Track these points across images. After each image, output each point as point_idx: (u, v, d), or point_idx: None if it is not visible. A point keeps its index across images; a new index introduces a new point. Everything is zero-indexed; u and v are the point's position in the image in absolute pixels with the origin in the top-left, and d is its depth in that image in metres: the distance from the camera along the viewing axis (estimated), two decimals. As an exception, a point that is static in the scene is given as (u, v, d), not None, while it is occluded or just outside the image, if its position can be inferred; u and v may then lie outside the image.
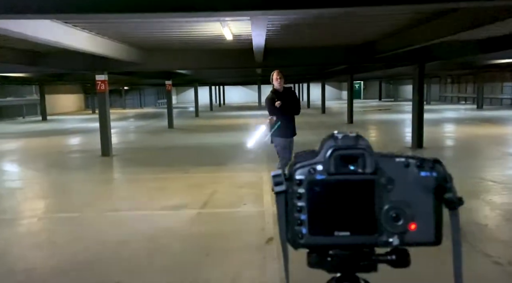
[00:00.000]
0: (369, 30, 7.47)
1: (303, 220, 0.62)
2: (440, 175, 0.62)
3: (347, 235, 0.62)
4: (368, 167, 0.61)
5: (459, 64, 16.33)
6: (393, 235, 0.62)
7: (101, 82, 9.27)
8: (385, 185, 0.61)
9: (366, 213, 0.61)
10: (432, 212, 0.62)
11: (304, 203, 0.62)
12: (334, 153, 0.61)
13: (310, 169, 0.61)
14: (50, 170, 8.44)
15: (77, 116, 26.10)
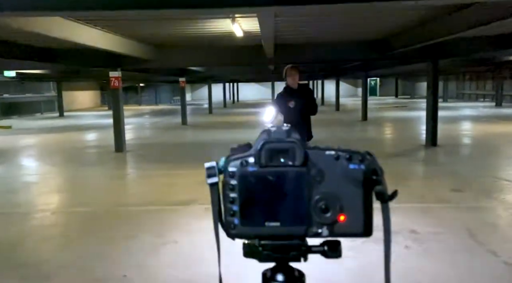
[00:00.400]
0: (381, 26, 7.39)
1: (235, 211, 0.63)
2: (369, 168, 0.62)
3: (277, 226, 0.63)
4: (298, 160, 0.62)
5: (477, 61, 16.00)
6: (323, 226, 0.63)
7: (114, 79, 9.39)
8: (315, 177, 0.62)
9: (296, 205, 0.63)
10: (361, 204, 0.62)
11: (236, 195, 0.63)
12: (265, 146, 0.62)
13: (242, 162, 0.63)
14: (65, 165, 8.61)
15: (94, 112, 26.49)
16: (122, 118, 9.89)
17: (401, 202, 5.07)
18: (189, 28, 6.82)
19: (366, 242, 3.38)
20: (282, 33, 7.27)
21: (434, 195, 5.45)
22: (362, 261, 3.26)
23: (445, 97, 30.32)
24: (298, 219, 0.63)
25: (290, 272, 0.67)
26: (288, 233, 0.64)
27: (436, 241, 3.86)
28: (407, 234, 3.98)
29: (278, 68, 16.24)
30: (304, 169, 0.62)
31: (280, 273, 0.67)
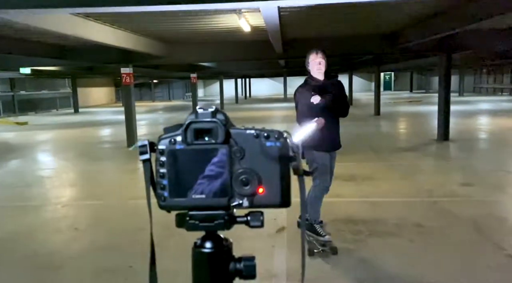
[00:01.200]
0: (392, 19, 7.31)
1: (165, 185, 0.70)
2: (284, 145, 0.68)
3: (203, 197, 0.69)
4: (220, 138, 0.68)
5: (495, 54, 15.68)
6: (243, 198, 0.69)
7: (126, 75, 9.51)
8: (235, 154, 0.68)
9: (219, 179, 0.69)
10: (278, 178, 0.69)
11: (165, 170, 0.69)
12: (190, 126, 0.69)
13: (171, 140, 0.69)
14: (78, 159, 8.78)
15: (108, 108, 26.84)
16: (134, 114, 10.02)
17: (408, 196, 5.07)
18: (197, 23, 6.86)
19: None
20: (290, 27, 7.25)
21: (442, 189, 5.40)
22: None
23: (461, 91, 29.80)
24: (221, 191, 0.69)
25: (218, 240, 0.74)
26: (212, 204, 0.70)
27: (440, 234, 3.84)
28: (412, 228, 3.97)
29: (289, 63, 16.22)
30: (226, 146, 0.68)
31: (208, 241, 0.73)
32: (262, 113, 19.45)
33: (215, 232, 0.73)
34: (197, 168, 0.69)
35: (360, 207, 4.69)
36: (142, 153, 0.70)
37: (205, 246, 0.73)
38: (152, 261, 0.77)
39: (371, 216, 4.33)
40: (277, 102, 27.00)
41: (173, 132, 0.70)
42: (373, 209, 4.60)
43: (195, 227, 0.72)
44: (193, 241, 0.75)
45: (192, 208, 0.71)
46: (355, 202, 4.91)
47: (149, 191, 0.71)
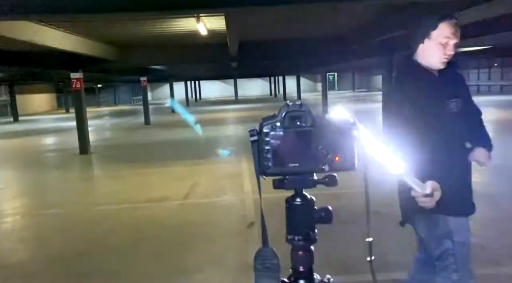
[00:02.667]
0: (340, 23, 7.75)
1: (269, 158, 0.95)
2: (353, 124, 0.96)
3: (297, 165, 0.96)
4: (308, 122, 0.94)
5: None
6: (325, 164, 0.96)
7: (76, 80, 9.25)
8: (318, 133, 0.95)
9: (307, 151, 0.96)
10: (347, 149, 0.96)
11: (269, 147, 0.95)
12: (287, 114, 0.95)
13: (272, 125, 0.95)
14: (28, 169, 8.41)
15: (50, 115, 25.62)
16: (86, 120, 9.76)
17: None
18: (154, 28, 6.89)
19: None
20: (244, 31, 7.47)
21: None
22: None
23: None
24: (309, 161, 0.96)
25: (305, 196, 1.00)
26: (303, 170, 0.97)
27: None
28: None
29: (241, 64, 16.45)
30: (312, 128, 0.95)
31: (298, 197, 1.00)
32: (216, 115, 19.53)
33: (302, 191, 1.00)
34: (292, 145, 0.94)
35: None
36: (252, 135, 0.94)
37: (296, 200, 0.99)
38: (262, 215, 0.95)
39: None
40: (228, 104, 27.18)
41: (271, 120, 0.95)
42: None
43: (292, 185, 0.98)
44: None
45: (289, 173, 0.96)
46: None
47: (259, 165, 0.95)
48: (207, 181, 6.40)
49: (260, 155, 0.95)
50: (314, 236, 1.01)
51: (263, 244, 0.97)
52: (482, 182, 5.02)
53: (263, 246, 0.97)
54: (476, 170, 1.94)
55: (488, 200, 4.40)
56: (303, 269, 1.02)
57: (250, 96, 38.41)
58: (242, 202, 5.09)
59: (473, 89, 26.93)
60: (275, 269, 0.96)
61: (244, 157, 7.86)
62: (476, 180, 1.96)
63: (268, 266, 0.96)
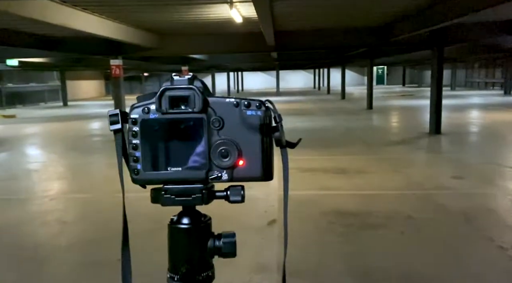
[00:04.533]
0: (385, 11, 7.27)
1: (138, 157, 0.66)
2: (266, 114, 0.65)
3: (179, 170, 0.65)
4: (197, 106, 0.63)
5: (486, 48, 15.73)
6: (222, 170, 0.65)
7: (115, 67, 9.38)
8: (214, 123, 0.64)
9: (196, 150, 0.65)
10: (259, 149, 0.65)
11: (138, 141, 0.65)
12: (165, 93, 0.63)
13: (144, 108, 0.64)
14: (67, 153, 8.65)
15: (98, 102, 26.56)
16: (124, 106, 9.90)
17: (398, 189, 5.05)
18: (188, 14, 6.76)
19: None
20: (282, 18, 7.17)
21: (433, 182, 5.40)
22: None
23: (453, 85, 29.97)
24: (198, 164, 0.65)
25: (196, 215, 0.71)
26: (189, 177, 0.66)
27: (431, 226, 3.82)
28: (403, 220, 3.95)
29: (281, 56, 16.13)
30: (204, 115, 0.64)
31: (185, 216, 0.70)
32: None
33: (193, 208, 0.70)
34: (173, 139, 0.65)
35: (351, 200, 4.66)
36: (112, 123, 0.66)
37: (182, 222, 0.70)
38: (124, 241, 0.74)
39: (363, 209, 4.30)
40: (270, 96, 26.88)
41: (146, 100, 0.65)
42: (365, 202, 4.57)
43: (171, 201, 0.68)
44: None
45: (167, 182, 0.67)
46: (346, 195, 4.88)
47: (121, 164, 0.67)
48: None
49: (125, 152, 0.67)
50: (205, 277, 0.70)
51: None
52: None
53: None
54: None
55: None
56: None
57: (293, 89, 37.93)
58: (266, 197, 4.86)
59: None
60: None
61: (276, 151, 7.61)
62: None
63: None
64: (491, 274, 2.91)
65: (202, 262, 0.71)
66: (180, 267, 0.69)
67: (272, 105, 0.66)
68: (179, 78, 0.64)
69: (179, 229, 0.70)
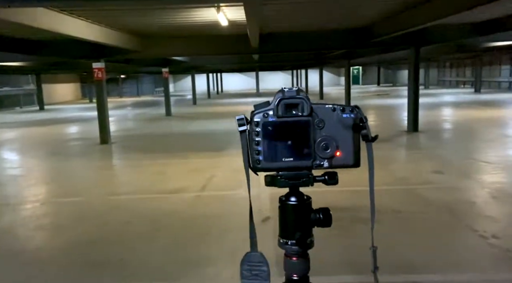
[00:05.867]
0: (364, 13, 7.52)
1: (260, 151, 0.83)
2: (357, 116, 0.83)
3: (291, 160, 0.83)
4: (305, 111, 0.82)
5: (458, 48, 16.32)
6: (324, 160, 0.84)
7: (98, 70, 9.32)
8: (318, 124, 0.82)
9: (304, 145, 0.83)
10: (351, 143, 0.84)
11: (260, 138, 0.83)
12: (281, 102, 0.82)
13: (264, 114, 0.83)
14: (50, 157, 8.55)
15: (74, 105, 26.11)
16: (107, 110, 9.84)
17: (385, 185, 5.28)
18: (175, 18, 6.83)
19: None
20: (267, 22, 7.33)
21: (416, 177, 5.66)
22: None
23: (426, 84, 30.85)
24: (306, 155, 0.84)
25: (300, 195, 0.88)
26: (299, 165, 0.84)
27: (418, 219, 4.05)
28: (391, 214, 4.16)
29: (263, 58, 16.32)
30: (310, 118, 0.82)
31: (293, 196, 0.88)
32: (236, 107, 19.47)
33: (298, 190, 0.88)
34: (286, 136, 0.82)
35: (340, 196, 4.85)
36: (240, 125, 0.82)
37: (291, 200, 0.88)
38: (250, 216, 0.89)
39: (352, 204, 4.50)
40: (250, 97, 27.07)
41: (262, 108, 0.83)
42: (353, 198, 4.77)
43: (285, 184, 0.85)
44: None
45: (282, 169, 0.84)
46: (334, 191, 5.06)
47: (247, 156, 0.83)
48: (225, 173, 6.34)
49: (249, 148, 0.84)
50: (310, 241, 0.90)
51: (251, 248, 0.89)
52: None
53: (251, 250, 0.88)
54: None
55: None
56: (297, 278, 0.91)
57: (272, 89, 38.20)
58: (258, 196, 5.00)
59: (505, 85, 26.03)
60: (264, 277, 0.87)
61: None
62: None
63: (256, 273, 0.87)
64: (474, 260, 3.14)
65: (308, 230, 0.89)
66: (295, 234, 0.88)
67: (360, 110, 0.84)
68: (288, 89, 0.83)
69: (292, 205, 0.88)
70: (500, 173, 5.78)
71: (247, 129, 0.83)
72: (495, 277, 2.90)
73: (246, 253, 0.88)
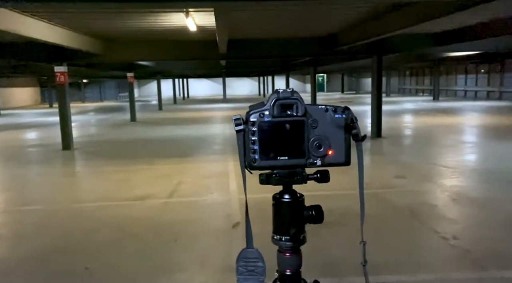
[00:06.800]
0: (329, 23, 7.71)
1: (255, 150, 0.86)
2: (348, 117, 0.88)
3: (286, 159, 0.87)
4: (300, 111, 0.86)
5: (417, 57, 17.02)
6: (317, 158, 0.88)
7: (60, 74, 9.03)
8: (311, 124, 0.86)
9: (298, 143, 0.87)
10: (343, 142, 0.88)
11: (256, 138, 0.86)
12: (276, 102, 0.86)
13: (260, 114, 0.86)
14: (8, 164, 8.18)
15: (34, 110, 25.11)
16: (69, 115, 9.54)
17: (347, 190, 5.39)
18: (142, 22, 6.74)
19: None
20: (235, 28, 7.37)
21: (379, 181, 5.82)
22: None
23: (388, 91, 31.88)
24: (300, 154, 0.87)
25: (294, 193, 0.92)
26: (293, 164, 0.88)
27: (382, 222, 4.17)
28: (356, 217, 4.25)
29: (229, 64, 16.35)
30: (304, 118, 0.86)
31: (287, 193, 0.91)
32: (203, 113, 19.36)
33: (291, 187, 0.91)
34: (281, 136, 0.85)
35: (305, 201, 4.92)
36: (237, 125, 0.85)
37: (285, 197, 0.91)
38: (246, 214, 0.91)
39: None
40: (216, 103, 27.01)
41: (258, 108, 0.86)
42: (318, 203, 4.84)
43: (280, 181, 0.89)
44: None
45: (277, 168, 0.87)
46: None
47: (243, 156, 0.86)
48: (193, 179, 6.29)
49: (246, 147, 0.86)
50: (303, 237, 0.94)
51: (247, 245, 0.90)
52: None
53: (247, 247, 0.90)
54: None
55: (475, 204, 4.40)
56: (290, 273, 0.94)
57: (239, 95, 38.27)
58: (227, 201, 5.00)
59: (460, 94, 27.32)
60: (260, 273, 0.89)
61: (231, 156, 7.78)
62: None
63: (252, 269, 0.89)
64: (436, 261, 3.27)
65: (302, 226, 0.92)
66: (289, 230, 0.91)
67: (350, 111, 0.88)
68: (283, 91, 0.86)
69: (287, 202, 0.91)
70: (458, 177, 6.06)
71: (243, 129, 0.85)
72: (457, 276, 3.03)
73: (242, 249, 0.90)
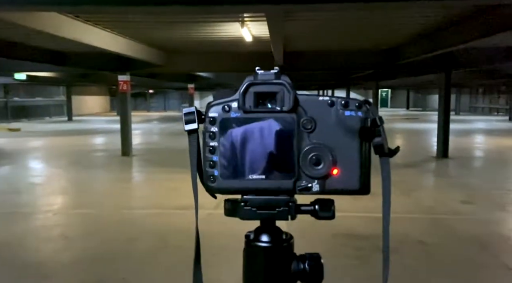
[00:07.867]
0: (393, 34, 7.30)
1: (215, 162, 0.56)
2: (367, 116, 0.55)
3: (262, 179, 0.55)
4: (286, 105, 0.54)
5: (491, 73, 15.79)
6: (313, 180, 0.55)
7: (123, 83, 9.40)
8: (305, 125, 0.54)
9: (283, 156, 0.55)
10: (357, 156, 0.55)
11: (216, 143, 0.56)
12: (250, 89, 0.54)
13: (224, 106, 0.55)
14: (71, 167, 8.59)
15: (102, 117, 26.65)
16: (130, 122, 9.88)
17: (409, 213, 4.95)
18: (199, 32, 6.80)
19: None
20: (291, 39, 7.22)
21: (444, 206, 5.30)
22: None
23: (457, 110, 30.03)
24: (285, 171, 0.55)
25: (277, 233, 0.59)
26: (274, 187, 0.56)
27: (444, 252, 3.72)
28: (414, 245, 3.84)
29: (289, 76, 16.18)
30: (294, 115, 0.54)
31: (265, 233, 0.59)
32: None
33: (274, 223, 0.59)
34: (256, 142, 0.55)
35: (361, 222, 4.56)
36: (187, 122, 0.57)
37: (262, 239, 0.59)
38: (196, 257, 0.66)
39: (373, 232, 4.20)
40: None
41: (226, 97, 0.56)
42: (375, 225, 4.47)
43: (251, 215, 0.58)
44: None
45: (248, 192, 0.57)
46: (356, 217, 4.77)
47: (196, 170, 0.58)
48: (242, 192, 6.14)
49: (201, 156, 0.57)
50: None
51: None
52: None
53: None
54: None
55: None
56: None
57: (297, 109, 38.04)
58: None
59: None
60: None
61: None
62: None
63: None
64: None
65: None
66: None
67: (372, 106, 0.56)
68: (263, 72, 0.55)
69: (259, 248, 0.59)
70: (537, 206, 5.36)
71: (197, 129, 0.57)
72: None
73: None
